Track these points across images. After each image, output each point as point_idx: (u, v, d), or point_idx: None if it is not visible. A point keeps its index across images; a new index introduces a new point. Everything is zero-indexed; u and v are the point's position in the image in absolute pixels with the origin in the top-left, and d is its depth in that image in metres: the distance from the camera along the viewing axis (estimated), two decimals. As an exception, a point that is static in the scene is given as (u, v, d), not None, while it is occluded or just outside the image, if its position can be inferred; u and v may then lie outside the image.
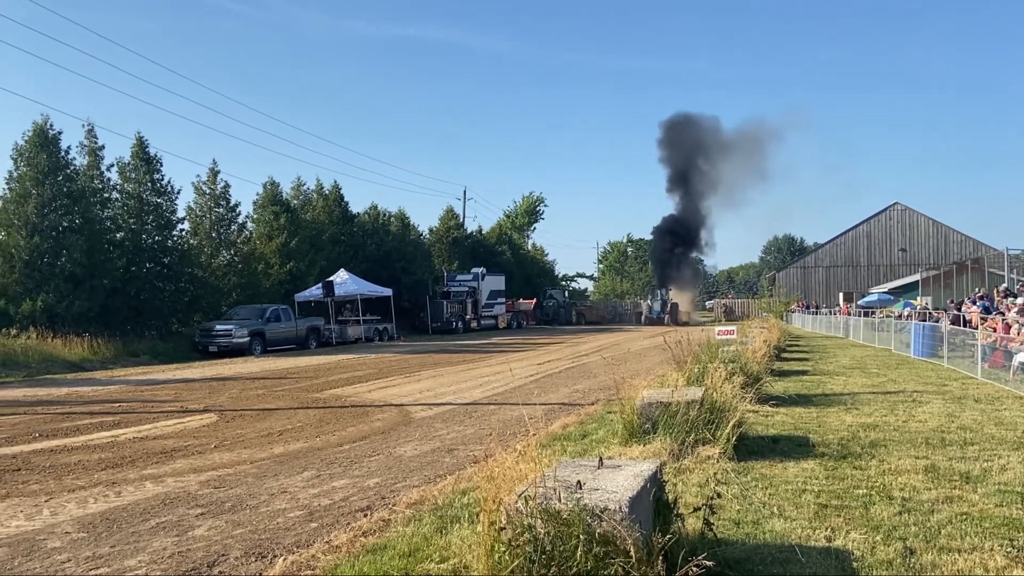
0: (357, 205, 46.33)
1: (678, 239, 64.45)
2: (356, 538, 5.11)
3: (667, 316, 54.96)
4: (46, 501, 6.39)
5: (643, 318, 56.07)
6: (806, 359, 20.22)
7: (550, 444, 7.80)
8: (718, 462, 6.75)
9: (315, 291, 33.01)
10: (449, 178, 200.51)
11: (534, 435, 4.73)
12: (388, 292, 35.62)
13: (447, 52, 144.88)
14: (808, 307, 49.33)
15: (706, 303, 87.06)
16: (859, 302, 42.06)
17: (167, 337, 27.54)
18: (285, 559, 4.75)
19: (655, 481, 4.16)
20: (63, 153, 25.20)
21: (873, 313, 32.28)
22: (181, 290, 28.71)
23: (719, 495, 4.62)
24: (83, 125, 28.11)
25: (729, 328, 15.77)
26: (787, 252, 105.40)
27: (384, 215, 45.88)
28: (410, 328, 40.56)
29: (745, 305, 65.35)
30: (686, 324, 48.80)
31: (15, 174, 24.45)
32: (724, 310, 66.37)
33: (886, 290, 46.39)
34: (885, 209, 57.17)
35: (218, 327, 26.36)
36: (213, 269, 31.36)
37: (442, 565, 4.37)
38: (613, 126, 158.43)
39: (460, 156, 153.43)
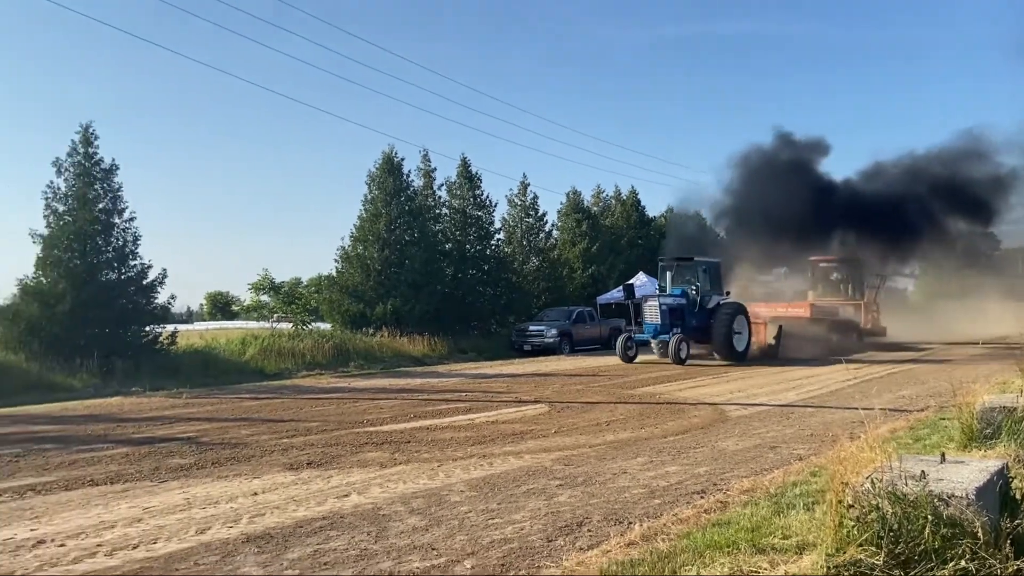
0: (653, 209, 47.24)
1: None
2: (699, 514, 5.81)
3: (680, 345, 21.34)
4: (438, 467, 7.96)
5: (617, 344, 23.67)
6: None
7: (880, 446, 7.82)
8: (1076, 472, 6.36)
9: (615, 294, 34.40)
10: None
11: (866, 434, 5.03)
12: (685, 294, 35.96)
13: (735, 45, 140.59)
14: None
15: None
16: None
17: (487, 336, 30.70)
18: (641, 524, 5.59)
19: (1001, 475, 4.31)
20: (405, 176, 29.40)
21: None
22: (498, 294, 31.87)
23: (1077, 498, 4.56)
24: (419, 151, 32.54)
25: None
26: None
27: (680, 217, 46.21)
28: (708, 329, 40.38)
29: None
30: (767, 353, 23.28)
31: (369, 196, 29.04)
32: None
33: None
34: None
35: (531, 327, 28.85)
36: (524, 274, 34.28)
37: (786, 541, 4.89)
38: (914, 107, 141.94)
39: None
